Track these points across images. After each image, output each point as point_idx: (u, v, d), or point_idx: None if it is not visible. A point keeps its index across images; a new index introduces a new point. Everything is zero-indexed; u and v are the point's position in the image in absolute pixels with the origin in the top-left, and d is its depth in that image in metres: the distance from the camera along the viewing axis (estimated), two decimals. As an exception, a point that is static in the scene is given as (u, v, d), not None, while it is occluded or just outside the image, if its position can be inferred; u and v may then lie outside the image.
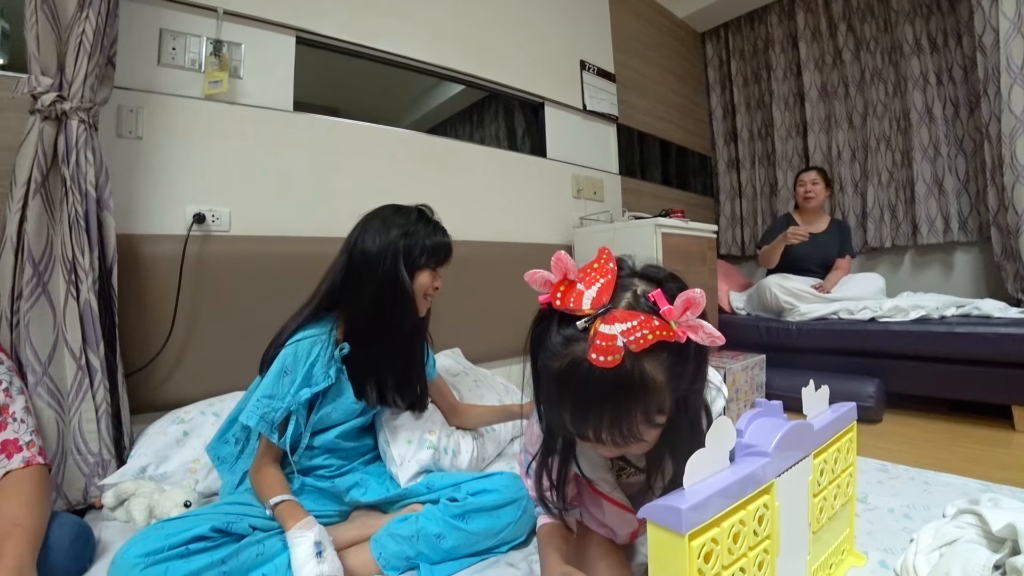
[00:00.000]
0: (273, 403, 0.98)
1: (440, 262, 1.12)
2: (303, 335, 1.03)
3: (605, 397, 0.58)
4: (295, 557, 0.80)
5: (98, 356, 1.19)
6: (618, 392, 0.58)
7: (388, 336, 1.08)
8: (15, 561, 0.75)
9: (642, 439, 0.63)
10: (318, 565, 0.79)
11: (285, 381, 0.99)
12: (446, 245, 1.13)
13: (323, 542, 0.83)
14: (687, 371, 0.62)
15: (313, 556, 0.79)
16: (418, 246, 1.08)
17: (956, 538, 0.83)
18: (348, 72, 2.07)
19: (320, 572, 0.78)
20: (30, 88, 1.15)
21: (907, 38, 2.93)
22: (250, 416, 0.97)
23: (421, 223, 1.11)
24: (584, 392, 0.59)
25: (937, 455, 1.76)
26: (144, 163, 1.45)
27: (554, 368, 0.61)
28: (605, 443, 0.63)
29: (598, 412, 0.60)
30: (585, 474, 0.80)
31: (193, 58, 1.54)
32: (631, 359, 0.56)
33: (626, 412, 0.59)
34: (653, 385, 0.58)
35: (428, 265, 1.10)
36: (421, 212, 1.13)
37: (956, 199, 2.83)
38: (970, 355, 2.03)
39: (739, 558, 0.59)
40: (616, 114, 2.92)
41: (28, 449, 0.94)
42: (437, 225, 1.14)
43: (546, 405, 0.68)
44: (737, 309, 2.85)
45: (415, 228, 1.09)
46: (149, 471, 1.17)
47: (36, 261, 1.15)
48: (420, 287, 1.09)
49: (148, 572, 0.72)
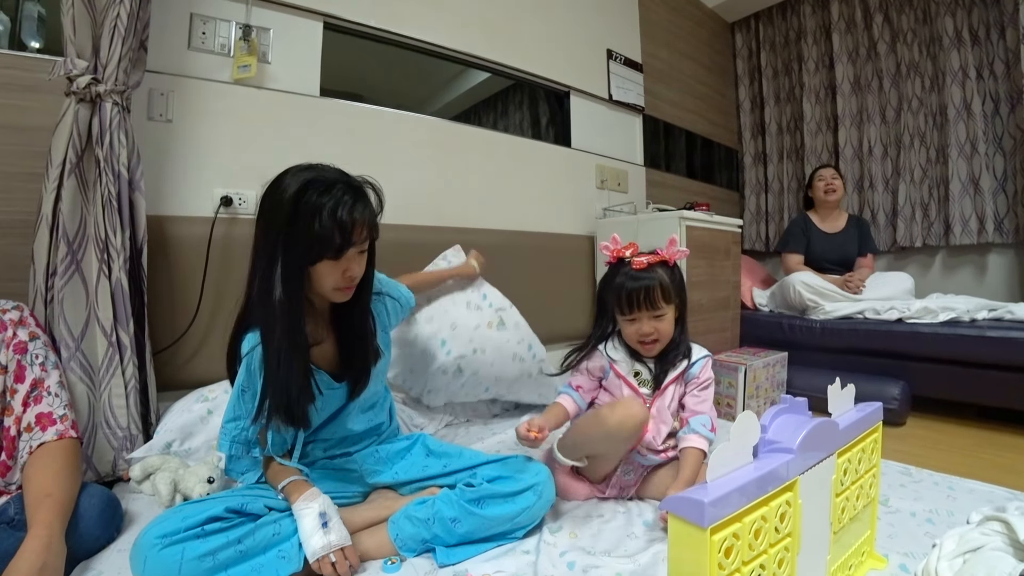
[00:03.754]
0: (239, 423, 0.97)
1: (341, 249, 0.89)
2: (247, 344, 0.95)
3: (644, 282, 1.13)
4: (302, 529, 0.82)
5: (128, 333, 1.22)
6: (650, 279, 1.13)
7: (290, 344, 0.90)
8: (45, 529, 0.78)
9: (662, 313, 1.15)
10: (325, 535, 0.81)
11: (246, 397, 0.95)
12: (342, 229, 0.87)
13: (328, 512, 0.84)
14: (676, 277, 1.19)
15: (319, 527, 0.82)
16: (302, 239, 0.87)
17: (981, 545, 0.81)
18: (374, 59, 2.07)
19: (328, 542, 0.81)
20: (66, 71, 1.17)
21: (947, 30, 2.82)
22: (222, 444, 0.97)
23: (308, 204, 0.86)
24: (636, 282, 1.14)
25: (962, 461, 1.72)
26: (174, 146, 1.48)
27: (618, 280, 1.16)
28: (644, 312, 1.14)
29: (643, 290, 1.13)
30: (615, 358, 1.22)
31: (223, 43, 1.56)
32: (653, 267, 1.15)
33: (654, 289, 1.13)
34: (662, 278, 1.15)
35: (324, 257, 0.89)
36: (306, 186, 0.88)
37: (992, 199, 2.73)
38: (1001, 360, 1.96)
39: (759, 554, 0.58)
40: (642, 104, 2.88)
41: (62, 423, 0.97)
42: (331, 199, 0.87)
43: (611, 305, 1.19)
44: (760, 306, 2.80)
45: (299, 212, 0.86)
46: (174, 447, 1.20)
47: (70, 239, 1.19)
48: (322, 282, 0.92)
49: (166, 552, 0.74)
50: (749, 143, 3.78)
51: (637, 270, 1.15)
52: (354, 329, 1.04)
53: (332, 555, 0.81)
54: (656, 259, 1.17)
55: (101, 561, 0.88)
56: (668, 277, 1.16)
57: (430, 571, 0.89)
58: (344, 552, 0.83)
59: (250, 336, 0.95)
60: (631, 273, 1.16)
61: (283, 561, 0.82)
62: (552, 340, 2.27)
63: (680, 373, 1.19)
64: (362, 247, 0.94)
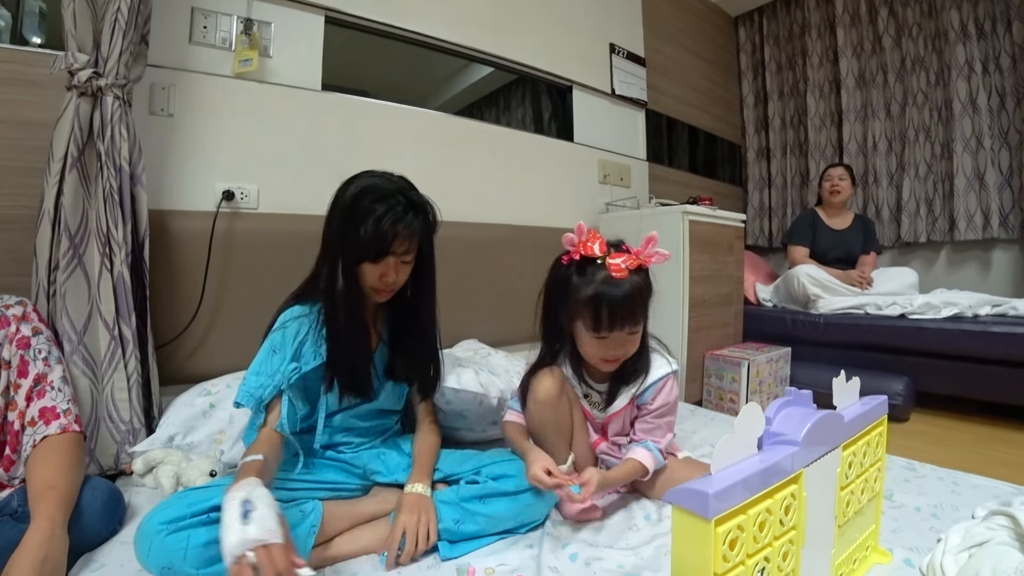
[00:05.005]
0: (261, 379, 0.95)
1: (379, 255, 0.96)
2: (290, 313, 1.02)
3: (626, 296, 0.95)
4: (222, 524, 0.66)
5: (130, 327, 1.22)
6: (631, 291, 0.96)
7: (336, 329, 0.99)
8: (47, 522, 0.78)
9: (638, 330, 1.00)
10: (243, 528, 0.64)
11: (275, 359, 0.97)
12: (382, 238, 0.94)
13: (252, 501, 0.68)
14: (649, 282, 1.01)
15: (238, 519, 0.65)
16: (352, 240, 0.95)
17: (987, 539, 0.81)
18: (376, 53, 2.07)
19: (243, 537, 0.63)
20: (67, 64, 1.17)
21: (953, 24, 2.80)
22: (244, 396, 0.95)
23: (360, 209, 0.95)
24: (616, 294, 0.95)
25: (966, 456, 1.72)
26: (175, 140, 1.48)
27: (589, 289, 0.96)
28: (620, 332, 0.97)
29: (625, 306, 0.95)
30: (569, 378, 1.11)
31: (224, 36, 1.55)
32: (631, 274, 0.97)
33: (636, 303, 0.96)
34: (640, 285, 0.98)
35: (367, 259, 0.97)
36: (364, 192, 0.97)
37: (998, 194, 2.71)
38: (1005, 356, 1.96)
39: (764, 547, 0.58)
40: (645, 99, 2.87)
41: (65, 417, 0.96)
42: (382, 207, 0.95)
43: (566, 317, 1.03)
44: (763, 300, 2.80)
45: (353, 215, 0.96)
46: (177, 440, 1.20)
47: (72, 234, 1.18)
48: (364, 280, 1.00)
49: (171, 538, 0.73)
50: (752, 138, 3.77)
51: (617, 278, 0.95)
52: (411, 336, 1.11)
53: (251, 554, 0.62)
54: (635, 264, 0.98)
55: (104, 553, 0.88)
56: (643, 283, 0.99)
57: (432, 564, 0.89)
58: (270, 550, 0.63)
59: (297, 308, 1.02)
60: (608, 280, 0.95)
61: None
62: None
63: (633, 397, 1.07)
64: (404, 258, 0.99)
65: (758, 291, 2.84)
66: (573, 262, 1.01)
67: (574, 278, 0.99)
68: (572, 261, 1.01)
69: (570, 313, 1.01)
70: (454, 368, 1.30)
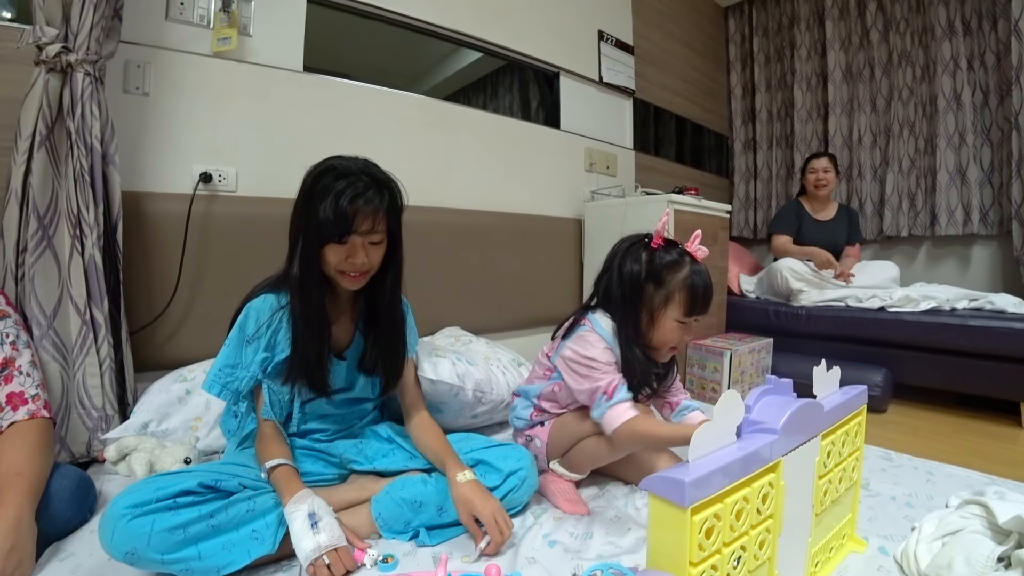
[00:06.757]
0: (236, 372, 0.95)
1: (342, 234, 0.90)
2: (263, 300, 0.98)
3: (711, 282, 1.02)
4: (293, 533, 0.79)
5: (102, 312, 1.18)
6: (710, 282, 1.02)
7: (301, 315, 0.95)
8: (14, 509, 0.76)
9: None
10: (315, 537, 0.78)
11: (248, 350, 0.96)
12: (342, 216, 0.88)
13: (317, 512, 0.81)
14: None
15: (309, 529, 0.78)
16: (313, 221, 0.90)
17: (960, 528, 0.82)
18: (361, 36, 2.02)
19: (318, 543, 0.77)
20: (35, 39, 1.12)
21: (939, 20, 2.82)
22: (211, 385, 0.95)
23: (319, 188, 0.90)
24: (706, 282, 1.01)
25: (942, 447, 1.75)
26: (151, 120, 1.43)
27: (682, 274, 1.00)
28: (697, 320, 1.03)
29: (710, 292, 1.01)
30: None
31: (202, 14, 1.51)
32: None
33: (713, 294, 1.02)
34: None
35: (330, 240, 0.91)
36: (324, 172, 0.93)
37: (979, 190, 2.75)
38: (981, 349, 1.99)
39: (741, 535, 0.58)
40: (633, 87, 2.85)
41: (33, 402, 0.94)
42: (342, 183, 0.90)
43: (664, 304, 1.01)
44: (747, 292, 2.82)
45: (312, 195, 0.91)
46: (151, 427, 1.17)
47: (41, 215, 1.15)
48: (329, 265, 0.94)
49: (135, 523, 0.72)
50: (739, 130, 3.77)
51: (703, 266, 1.02)
52: (381, 326, 1.05)
53: (325, 556, 0.77)
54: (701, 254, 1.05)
55: (73, 543, 0.86)
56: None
57: (409, 552, 0.88)
58: (338, 552, 0.79)
59: (272, 297, 0.98)
60: (697, 266, 1.01)
61: (256, 542, 0.80)
62: (535, 324, 2.26)
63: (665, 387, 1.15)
64: (371, 237, 0.94)
65: (742, 282, 2.85)
66: (661, 247, 1.03)
67: (667, 261, 1.01)
68: (660, 247, 1.03)
69: (663, 297, 1.01)
70: (430, 357, 1.28)
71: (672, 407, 1.17)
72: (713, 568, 0.55)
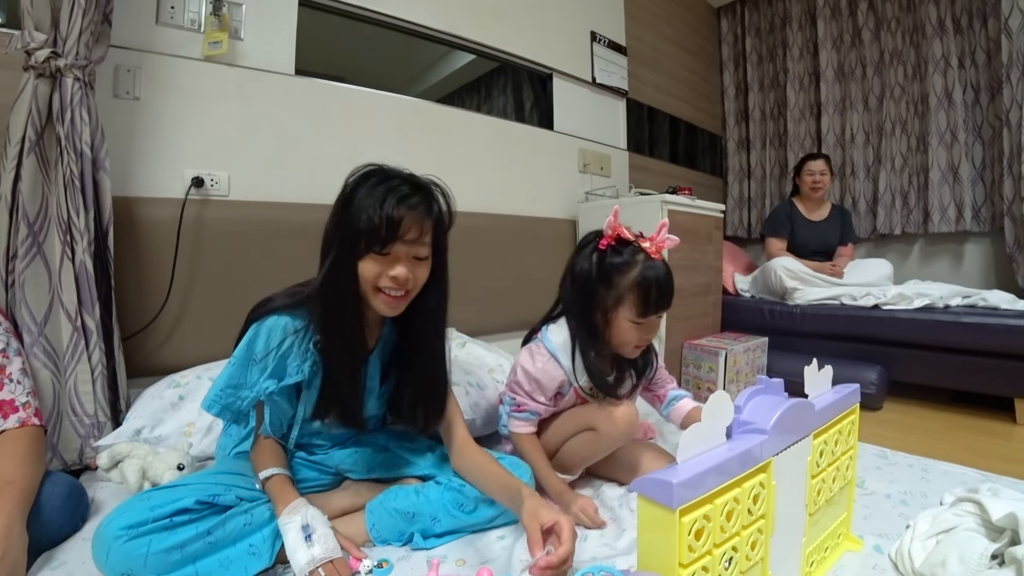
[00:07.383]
0: (239, 393, 0.87)
1: (384, 244, 0.82)
2: (275, 320, 0.88)
3: (668, 277, 0.98)
4: (287, 544, 0.77)
5: (94, 318, 1.18)
6: (669, 273, 0.99)
7: (329, 342, 0.87)
8: (5, 518, 0.75)
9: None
10: (309, 549, 0.75)
11: (254, 370, 0.87)
12: (387, 220, 0.80)
13: (311, 524, 0.78)
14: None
15: (303, 541, 0.76)
16: (350, 229, 0.82)
17: (954, 526, 0.82)
18: (353, 39, 2.02)
19: (312, 556, 0.75)
20: (23, 44, 1.12)
21: (930, 18, 2.83)
22: (211, 405, 0.87)
23: (360, 193, 0.83)
24: (663, 278, 0.97)
25: (936, 444, 1.75)
26: (141, 125, 1.43)
27: (633, 273, 0.97)
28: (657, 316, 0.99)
29: (669, 289, 0.98)
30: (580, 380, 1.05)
31: (192, 18, 1.50)
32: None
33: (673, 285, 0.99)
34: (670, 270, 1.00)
35: (370, 250, 0.83)
36: (365, 176, 0.85)
37: (971, 187, 2.76)
38: (974, 346, 2.00)
39: (731, 536, 0.58)
40: (626, 88, 2.86)
41: (24, 410, 0.94)
42: (385, 187, 0.82)
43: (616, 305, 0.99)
44: (741, 291, 2.82)
45: (351, 201, 0.83)
46: (144, 434, 1.17)
47: (31, 221, 1.14)
48: (365, 281, 0.85)
49: (131, 544, 0.70)
50: (733, 129, 3.78)
51: (656, 260, 0.98)
52: (419, 364, 0.96)
53: (321, 570, 0.74)
54: (654, 249, 1.00)
55: (65, 551, 0.86)
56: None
57: (404, 556, 0.87)
58: (334, 564, 0.75)
59: (289, 321, 0.89)
60: (650, 262, 0.97)
61: (252, 557, 0.79)
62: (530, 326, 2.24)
63: (644, 381, 1.15)
64: (415, 250, 0.85)
65: (736, 281, 2.86)
66: (610, 247, 1.00)
67: (616, 262, 0.98)
68: (609, 246, 1.00)
69: (614, 299, 0.99)
70: None
71: (661, 400, 1.17)
72: (704, 569, 0.54)
